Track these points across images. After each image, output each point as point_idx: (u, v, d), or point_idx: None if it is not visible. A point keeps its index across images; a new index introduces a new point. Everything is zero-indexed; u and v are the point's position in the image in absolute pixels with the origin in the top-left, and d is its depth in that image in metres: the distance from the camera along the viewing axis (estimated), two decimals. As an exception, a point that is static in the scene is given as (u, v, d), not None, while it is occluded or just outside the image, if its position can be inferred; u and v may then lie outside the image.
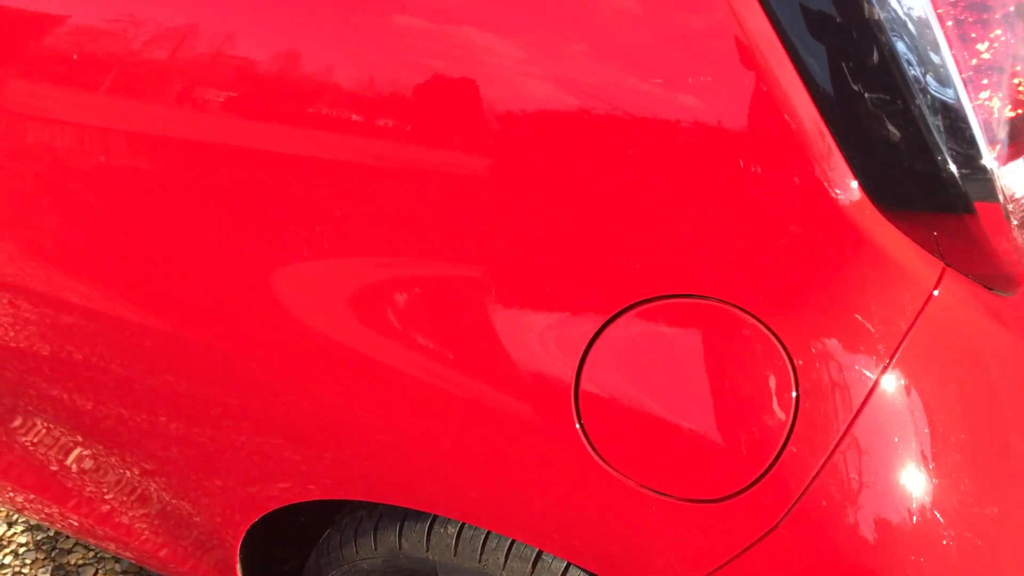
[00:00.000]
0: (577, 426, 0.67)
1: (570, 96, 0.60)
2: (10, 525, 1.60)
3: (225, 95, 0.70)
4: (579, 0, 0.59)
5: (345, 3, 0.65)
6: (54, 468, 1.06)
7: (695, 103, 0.58)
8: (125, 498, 1.01)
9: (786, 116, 0.57)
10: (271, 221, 0.72)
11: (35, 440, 1.06)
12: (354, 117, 0.67)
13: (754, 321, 0.64)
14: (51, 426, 1.02)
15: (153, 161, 0.75)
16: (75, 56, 0.73)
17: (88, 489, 1.04)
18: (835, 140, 0.59)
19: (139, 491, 0.99)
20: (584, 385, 0.67)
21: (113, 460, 0.97)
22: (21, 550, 1.55)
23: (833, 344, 0.64)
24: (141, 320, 0.83)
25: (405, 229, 0.69)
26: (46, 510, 1.10)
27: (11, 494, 1.12)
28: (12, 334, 0.94)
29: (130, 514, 1.02)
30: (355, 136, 0.68)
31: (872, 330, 0.64)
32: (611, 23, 0.59)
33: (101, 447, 0.98)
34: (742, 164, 0.59)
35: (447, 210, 0.67)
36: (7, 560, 1.53)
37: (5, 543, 1.57)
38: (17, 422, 1.06)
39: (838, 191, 0.60)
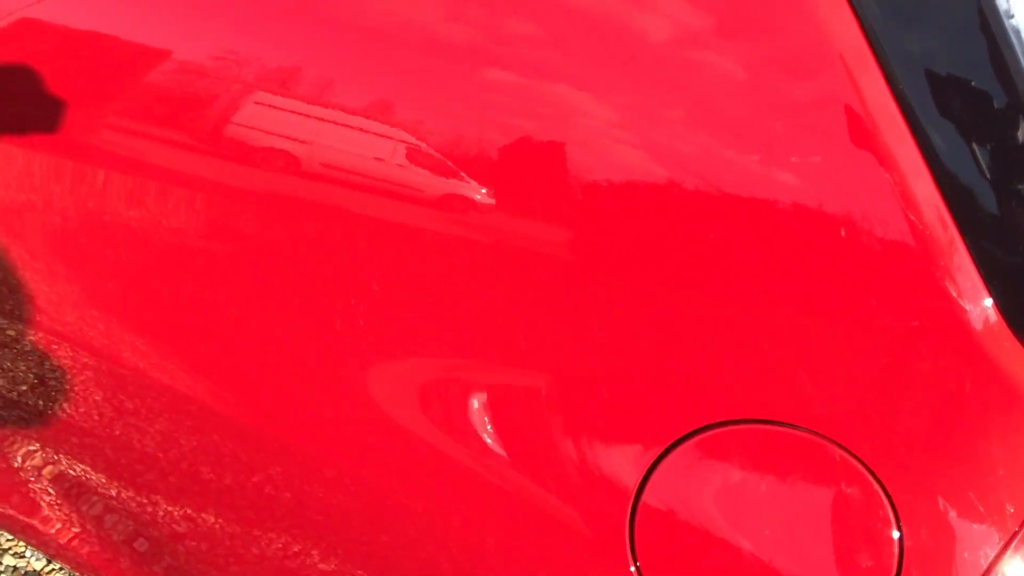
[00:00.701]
0: (632, 568, 0.59)
1: (660, 167, 0.55)
2: (49, 561, 1.61)
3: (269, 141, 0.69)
4: (679, 62, 0.55)
5: (442, 52, 0.63)
6: (83, 518, 1.04)
7: (798, 184, 0.51)
8: (151, 560, 0.97)
9: (906, 208, 0.49)
10: (343, 287, 0.69)
11: (67, 486, 1.05)
12: (439, 181, 0.64)
13: (853, 461, 0.54)
14: (87, 472, 1.00)
15: (235, 215, 0.73)
16: (175, 96, 0.73)
17: (113, 539, 1.01)
18: (966, 243, 0.50)
19: (167, 551, 0.94)
20: (641, 522, 0.59)
21: (146, 517, 0.94)
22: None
23: (950, 498, 0.54)
24: (190, 379, 0.81)
25: (476, 315, 0.64)
26: (74, 558, 1.08)
27: (41, 533, 1.11)
28: (70, 381, 0.94)
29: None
30: (439, 198, 0.64)
31: (1000, 485, 0.53)
32: (711, 87, 0.53)
33: (135, 502, 0.95)
34: (849, 264, 0.51)
35: (521, 296, 0.62)
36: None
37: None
38: (48, 469, 1.05)
39: (968, 309, 0.51)
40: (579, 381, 0.60)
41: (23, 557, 1.61)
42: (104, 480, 0.98)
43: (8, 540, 1.64)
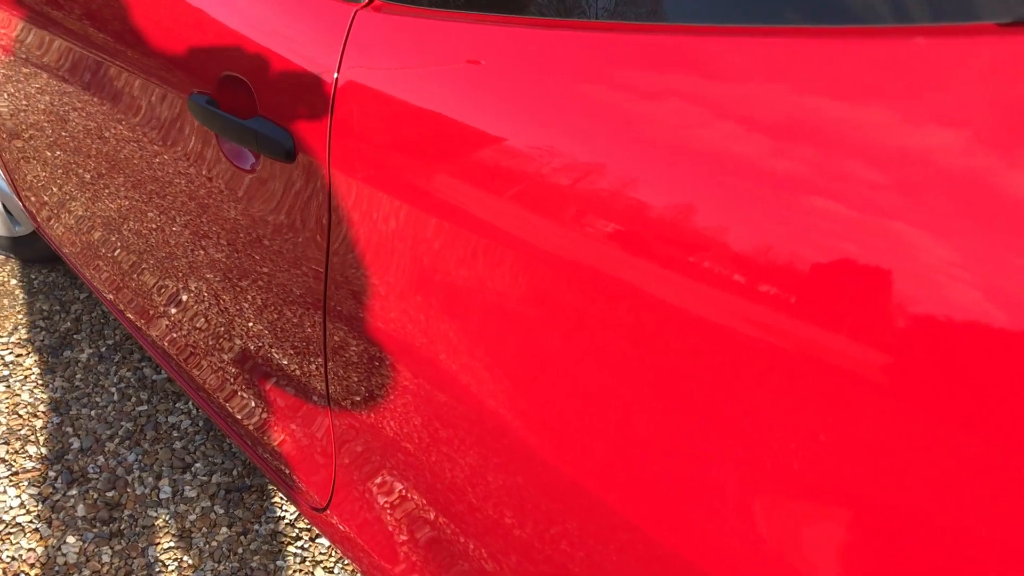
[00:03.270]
0: None
1: (1002, 312, 0.48)
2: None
3: (613, 227, 0.70)
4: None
5: (756, 175, 0.61)
6: (392, 529, 1.14)
7: None
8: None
9: None
10: (641, 366, 0.69)
11: (388, 501, 1.15)
12: (735, 277, 0.62)
13: None
14: (407, 491, 1.09)
15: (543, 279, 0.77)
16: (494, 166, 0.79)
17: (418, 562, 1.09)
18: None
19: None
20: None
21: (457, 547, 1.01)
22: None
23: None
24: (508, 419, 0.85)
25: (781, 426, 0.61)
26: (376, 570, 1.18)
27: (358, 542, 1.22)
28: (392, 398, 1.03)
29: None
30: (732, 296, 0.62)
31: None
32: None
33: (452, 527, 1.02)
34: None
35: (816, 422, 0.58)
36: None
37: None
38: (378, 479, 1.15)
39: None
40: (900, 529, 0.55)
41: (332, 572, 1.71)
42: (422, 503, 1.07)
43: (321, 554, 1.74)
